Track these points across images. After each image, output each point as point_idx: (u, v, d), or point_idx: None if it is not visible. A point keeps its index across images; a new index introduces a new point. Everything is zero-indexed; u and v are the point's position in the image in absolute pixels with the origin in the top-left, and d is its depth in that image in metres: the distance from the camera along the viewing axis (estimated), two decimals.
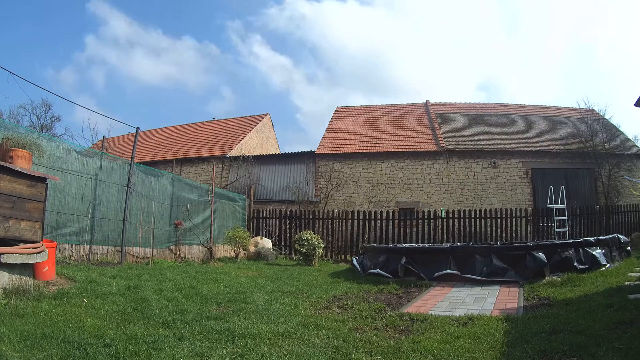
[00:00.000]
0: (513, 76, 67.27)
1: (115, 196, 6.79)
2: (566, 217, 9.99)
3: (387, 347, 2.76)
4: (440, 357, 2.53)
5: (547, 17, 62.18)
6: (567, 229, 9.79)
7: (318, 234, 9.73)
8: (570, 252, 5.68)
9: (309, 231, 9.72)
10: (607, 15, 59.36)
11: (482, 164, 14.80)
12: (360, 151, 15.76)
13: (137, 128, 7.32)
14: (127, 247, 6.70)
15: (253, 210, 12.20)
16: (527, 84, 64.93)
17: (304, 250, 8.92)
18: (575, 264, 5.54)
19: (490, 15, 64.64)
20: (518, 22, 66.13)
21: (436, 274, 5.89)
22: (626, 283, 4.48)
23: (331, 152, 15.90)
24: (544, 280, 5.27)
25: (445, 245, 8.09)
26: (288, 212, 11.76)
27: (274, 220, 11.80)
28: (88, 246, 6.25)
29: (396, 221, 11.12)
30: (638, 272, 5.27)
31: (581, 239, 6.20)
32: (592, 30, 62.37)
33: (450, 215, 11.13)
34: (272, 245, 10.56)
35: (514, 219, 10.94)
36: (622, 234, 7.68)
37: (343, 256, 10.74)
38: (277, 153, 19.32)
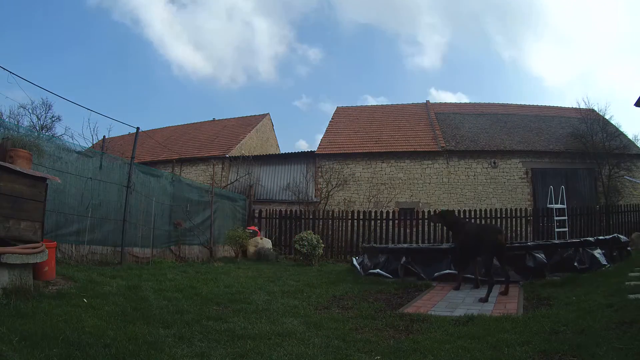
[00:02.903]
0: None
1: (115, 196, 6.78)
2: (566, 217, 9.99)
3: (387, 347, 2.76)
4: (440, 357, 2.53)
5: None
6: (567, 229, 9.78)
7: (318, 234, 9.73)
8: (570, 252, 5.68)
9: (309, 231, 9.72)
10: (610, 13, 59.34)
11: (482, 164, 14.79)
12: (360, 151, 15.75)
13: (137, 128, 7.33)
14: (127, 247, 6.70)
15: (253, 210, 12.20)
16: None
17: (304, 250, 8.92)
18: (575, 264, 5.54)
19: None
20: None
21: (436, 274, 5.89)
22: (626, 283, 4.47)
23: (331, 152, 15.89)
24: (544, 280, 5.27)
25: (445, 245, 8.09)
26: (288, 212, 11.76)
27: (274, 220, 11.80)
28: (88, 246, 6.24)
29: (396, 221, 11.11)
30: (638, 272, 5.27)
31: (581, 239, 6.20)
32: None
33: None
34: (272, 245, 10.56)
35: (514, 219, 10.93)
36: (622, 234, 7.68)
37: (343, 256, 10.74)
38: (277, 153, 19.33)
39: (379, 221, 11.07)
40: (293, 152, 17.01)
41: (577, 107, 15.97)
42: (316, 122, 77.17)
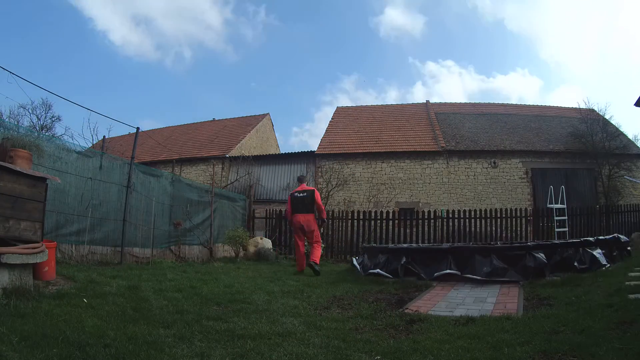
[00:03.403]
0: None
1: (115, 196, 6.79)
2: (566, 217, 9.99)
3: (387, 347, 2.76)
4: (440, 357, 2.53)
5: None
6: (567, 229, 9.79)
7: None
8: (570, 252, 5.68)
9: None
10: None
11: (482, 164, 14.80)
12: (360, 151, 15.77)
13: (137, 128, 7.34)
14: (127, 247, 6.70)
15: (253, 210, 12.19)
16: None
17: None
18: (575, 264, 5.54)
19: None
20: None
21: (436, 274, 5.89)
22: (626, 283, 4.47)
23: (331, 152, 15.91)
24: (544, 280, 5.26)
25: (445, 245, 8.09)
26: None
27: (274, 220, 11.80)
28: (88, 246, 6.24)
29: (396, 221, 11.12)
30: (638, 272, 5.27)
31: (581, 239, 6.20)
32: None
33: (450, 215, 11.12)
34: (272, 245, 10.56)
35: (514, 219, 10.93)
36: (622, 234, 7.68)
37: (343, 256, 10.74)
38: (277, 153, 19.34)
39: (379, 221, 11.07)
40: (293, 152, 17.06)
41: (577, 107, 16.00)
42: (285, 111, 70.49)
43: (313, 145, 74.75)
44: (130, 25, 61.71)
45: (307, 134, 69.19)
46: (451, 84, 68.06)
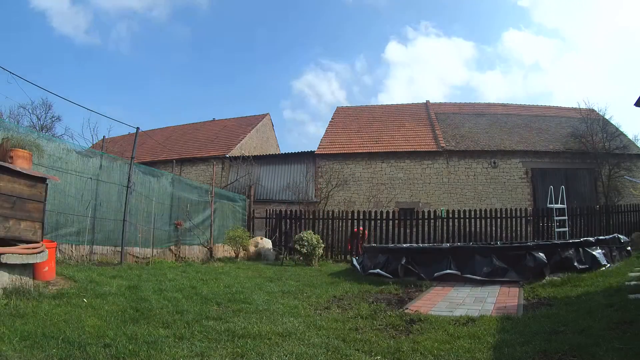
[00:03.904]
0: None
1: (115, 196, 6.79)
2: (566, 217, 9.99)
3: (387, 347, 2.76)
4: (441, 357, 2.53)
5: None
6: (567, 229, 9.78)
7: (318, 234, 9.73)
8: (571, 252, 5.69)
9: (309, 231, 9.72)
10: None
11: (482, 164, 14.79)
12: (360, 151, 15.76)
13: (137, 128, 7.33)
14: (127, 247, 6.69)
15: (253, 210, 12.19)
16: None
17: (304, 250, 8.92)
18: (576, 264, 5.54)
19: None
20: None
21: (436, 274, 5.89)
22: (626, 283, 4.47)
23: (331, 152, 15.90)
24: (544, 280, 5.27)
25: (445, 245, 8.09)
26: (288, 212, 11.75)
27: (274, 220, 11.80)
28: (88, 246, 6.24)
29: (396, 221, 11.11)
30: (638, 272, 5.27)
31: (581, 239, 6.20)
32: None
33: (450, 215, 11.12)
34: (272, 245, 10.56)
35: (514, 219, 10.93)
36: (622, 234, 7.68)
37: (343, 256, 10.74)
38: (277, 153, 19.33)
39: (379, 221, 11.07)
40: (293, 152, 17.06)
41: (577, 107, 15.99)
42: (250, 99, 61.66)
43: (291, 141, 67.53)
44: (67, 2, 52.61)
45: (278, 128, 63.20)
46: (437, 47, 60.67)
